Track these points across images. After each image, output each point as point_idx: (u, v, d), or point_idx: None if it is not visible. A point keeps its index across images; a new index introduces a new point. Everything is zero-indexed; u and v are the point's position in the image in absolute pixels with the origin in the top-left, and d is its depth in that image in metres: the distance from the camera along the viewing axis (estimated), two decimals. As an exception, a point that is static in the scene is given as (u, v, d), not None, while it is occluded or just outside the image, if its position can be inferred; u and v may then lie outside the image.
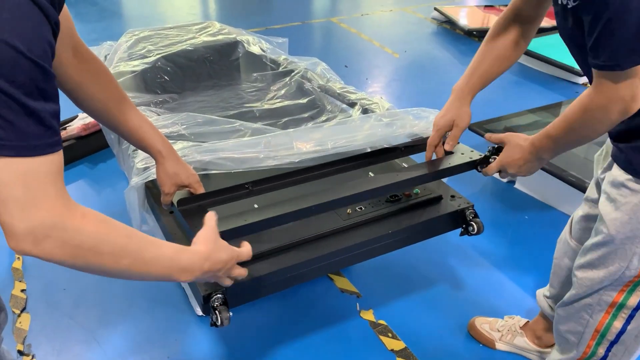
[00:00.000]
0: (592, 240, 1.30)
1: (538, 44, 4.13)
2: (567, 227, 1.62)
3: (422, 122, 1.73)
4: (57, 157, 0.78)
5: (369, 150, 1.65)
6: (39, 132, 0.74)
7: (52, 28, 0.75)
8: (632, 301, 1.26)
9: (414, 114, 1.77)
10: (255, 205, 1.44)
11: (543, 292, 1.76)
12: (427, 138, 1.55)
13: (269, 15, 5.76)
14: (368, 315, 1.96)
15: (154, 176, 1.41)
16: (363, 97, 2.11)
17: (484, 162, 1.51)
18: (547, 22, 4.51)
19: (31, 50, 0.70)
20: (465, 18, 5.13)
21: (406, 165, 1.84)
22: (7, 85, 0.69)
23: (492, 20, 5.08)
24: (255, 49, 2.63)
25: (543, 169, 2.45)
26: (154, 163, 1.37)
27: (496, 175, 1.50)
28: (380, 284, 2.11)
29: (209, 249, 1.04)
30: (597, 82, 1.09)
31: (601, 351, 1.36)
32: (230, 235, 1.22)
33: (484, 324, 1.88)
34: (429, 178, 1.54)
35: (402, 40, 4.94)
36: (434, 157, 1.55)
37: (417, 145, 1.70)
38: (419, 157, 1.69)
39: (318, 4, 6.44)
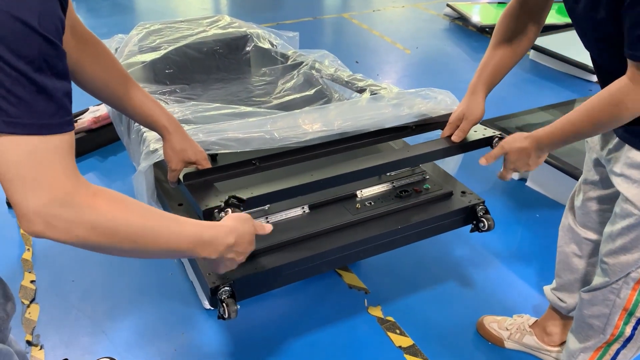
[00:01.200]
0: (621, 224, 1.28)
1: (551, 41, 4.08)
2: (568, 214, 1.62)
3: (431, 102, 1.70)
4: (68, 137, 0.75)
5: (379, 128, 1.63)
6: (51, 111, 0.72)
7: (61, 2, 0.74)
8: None
9: (423, 95, 1.74)
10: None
11: (550, 287, 1.75)
12: (438, 116, 1.56)
13: (280, 10, 5.75)
14: (376, 312, 1.95)
15: (162, 157, 1.38)
16: (372, 83, 2.09)
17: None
18: (560, 19, 4.46)
19: (42, 25, 0.68)
20: (478, 15, 5.09)
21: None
22: (17, 61, 0.67)
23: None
24: (265, 43, 2.62)
25: (555, 166, 2.43)
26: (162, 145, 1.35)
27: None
28: (388, 280, 2.10)
29: (235, 223, 1.04)
30: (635, 75, 1.07)
31: (628, 330, 1.35)
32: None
33: (493, 323, 1.86)
34: (440, 154, 1.53)
35: (413, 37, 4.91)
36: None
37: (428, 123, 1.67)
38: (429, 136, 1.66)
39: (329, -1, 6.43)
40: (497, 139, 1.57)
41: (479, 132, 1.56)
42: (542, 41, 4.09)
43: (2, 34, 0.66)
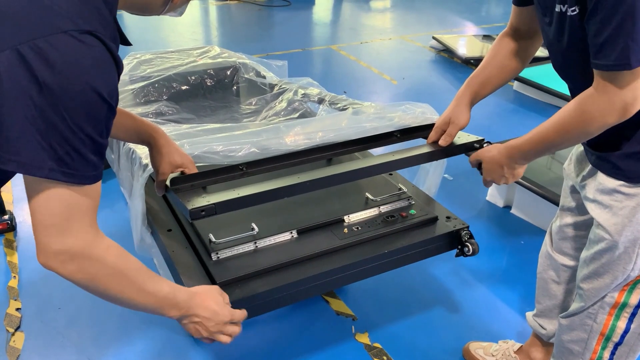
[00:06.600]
0: (594, 249, 1.31)
1: (534, 73, 4.19)
2: (547, 240, 1.65)
3: (411, 114, 1.73)
4: (98, 187, 0.91)
5: (365, 136, 1.64)
6: (98, 164, 0.87)
7: (118, 75, 0.89)
8: (633, 300, 1.29)
9: (403, 109, 1.77)
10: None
11: (532, 313, 1.77)
12: (423, 125, 1.59)
13: (269, 41, 5.85)
14: (363, 338, 1.96)
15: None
16: (353, 102, 2.12)
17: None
18: (543, 52, 4.58)
19: (111, 96, 0.84)
20: (464, 47, 5.21)
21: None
22: (90, 128, 0.82)
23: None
24: (253, 73, 2.68)
25: (539, 194, 2.47)
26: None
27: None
28: (375, 306, 2.11)
29: (202, 290, 1.15)
30: (601, 85, 1.09)
31: (606, 355, 1.37)
32: (224, 208, 1.26)
33: (478, 349, 1.87)
34: (426, 157, 1.56)
35: (400, 68, 5.01)
36: None
37: (412, 131, 1.69)
38: (414, 143, 1.68)
39: (318, 31, 6.54)
40: (486, 143, 1.60)
41: (462, 138, 1.60)
42: (526, 73, 4.19)
43: (80, 104, 0.80)
